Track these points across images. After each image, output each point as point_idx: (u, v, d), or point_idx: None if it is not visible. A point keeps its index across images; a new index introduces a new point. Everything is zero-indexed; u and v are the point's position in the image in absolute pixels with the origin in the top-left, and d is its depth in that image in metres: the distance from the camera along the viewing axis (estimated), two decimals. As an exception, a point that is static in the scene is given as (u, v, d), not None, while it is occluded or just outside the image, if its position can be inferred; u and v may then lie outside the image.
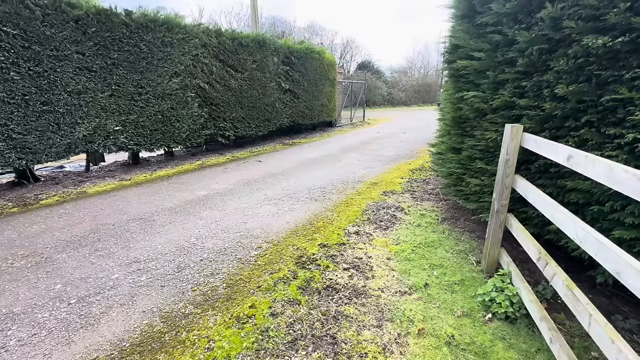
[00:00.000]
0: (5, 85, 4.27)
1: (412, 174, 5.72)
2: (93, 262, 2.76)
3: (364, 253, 2.93)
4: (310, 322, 2.04)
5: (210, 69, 6.95)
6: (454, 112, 3.30)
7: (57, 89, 4.76)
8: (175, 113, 6.43)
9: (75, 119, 5.02)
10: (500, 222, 2.42)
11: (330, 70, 11.37)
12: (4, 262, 2.76)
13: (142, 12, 5.67)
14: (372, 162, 6.60)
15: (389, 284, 2.46)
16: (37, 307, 2.20)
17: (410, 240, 3.16)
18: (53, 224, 3.56)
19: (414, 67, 39.80)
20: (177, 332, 1.97)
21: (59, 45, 4.70)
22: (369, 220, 3.66)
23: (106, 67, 5.27)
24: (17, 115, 4.44)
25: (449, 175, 3.53)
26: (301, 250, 2.96)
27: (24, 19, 4.32)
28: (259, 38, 8.10)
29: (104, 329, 1.99)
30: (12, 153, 4.47)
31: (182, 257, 2.85)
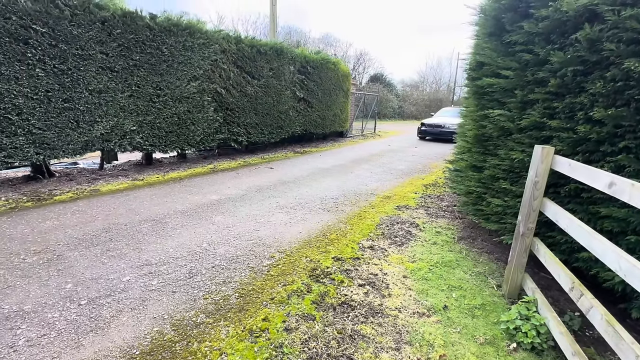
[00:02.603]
0: (30, 81, 4.35)
1: (425, 189, 5.63)
2: (104, 263, 2.72)
3: (379, 269, 2.85)
4: (326, 340, 1.96)
5: (228, 75, 7.03)
6: (476, 130, 3.23)
7: (79, 87, 4.84)
8: (191, 116, 6.48)
9: (94, 117, 5.08)
10: (526, 246, 2.33)
11: (344, 81, 11.43)
12: (17, 257, 2.74)
13: (166, 16, 5.78)
14: (384, 175, 6.54)
15: (407, 304, 2.37)
16: (47, 306, 2.16)
17: (427, 259, 3.07)
18: (66, 220, 3.56)
19: (425, 82, 39.91)
20: (189, 342, 1.90)
21: (84, 45, 4.79)
22: (384, 235, 3.58)
23: (128, 68, 5.36)
24: (39, 111, 4.50)
25: (468, 193, 3.45)
26: (315, 262, 2.89)
27: (53, 18, 4.43)
28: (277, 46, 8.20)
29: (114, 334, 1.94)
30: (30, 148, 4.52)
31: (194, 262, 2.80)
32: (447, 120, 12.40)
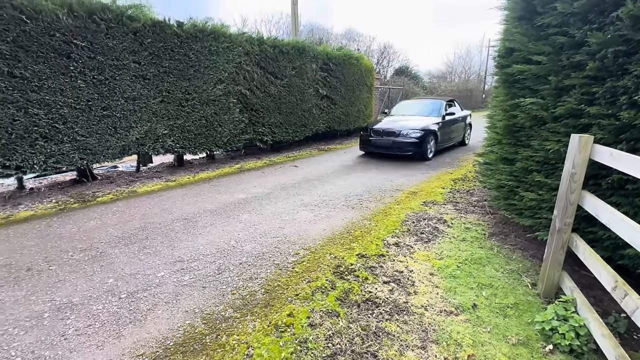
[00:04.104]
0: (73, 92, 4.72)
1: (454, 184, 5.43)
2: (141, 259, 2.91)
3: (405, 266, 2.80)
4: (350, 337, 1.96)
5: (252, 76, 7.18)
6: (506, 120, 3.07)
7: (115, 95, 5.17)
8: (218, 118, 6.70)
9: (130, 123, 5.41)
10: (563, 243, 2.18)
11: (367, 76, 11.27)
12: (66, 254, 3.00)
13: (192, 22, 6.01)
14: (410, 170, 6.38)
15: (433, 302, 2.31)
16: (92, 299, 2.34)
17: (455, 256, 2.97)
18: (107, 220, 3.83)
19: (454, 72, 38.32)
20: (218, 335, 1.99)
21: (119, 55, 5.11)
22: (409, 231, 3.51)
23: (158, 75, 5.64)
24: (82, 120, 4.87)
25: (499, 187, 3.29)
26: (339, 259, 2.90)
27: (91, 32, 4.76)
28: (299, 45, 8.25)
29: (150, 326, 2.07)
30: (75, 154, 4.90)
31: (222, 259, 2.91)
32: (407, 121, 7.41)
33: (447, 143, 8.12)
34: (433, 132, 7.16)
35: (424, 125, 7.05)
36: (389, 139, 7.15)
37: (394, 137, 7.09)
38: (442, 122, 7.57)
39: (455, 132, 8.42)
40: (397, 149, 7.05)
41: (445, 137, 7.86)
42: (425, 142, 6.89)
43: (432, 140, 7.19)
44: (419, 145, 6.83)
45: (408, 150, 6.92)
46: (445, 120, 7.73)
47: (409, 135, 6.94)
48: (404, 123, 7.35)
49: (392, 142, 7.08)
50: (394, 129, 7.15)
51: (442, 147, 7.89)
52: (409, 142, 6.89)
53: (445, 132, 7.76)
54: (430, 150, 7.19)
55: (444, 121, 7.69)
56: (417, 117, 7.81)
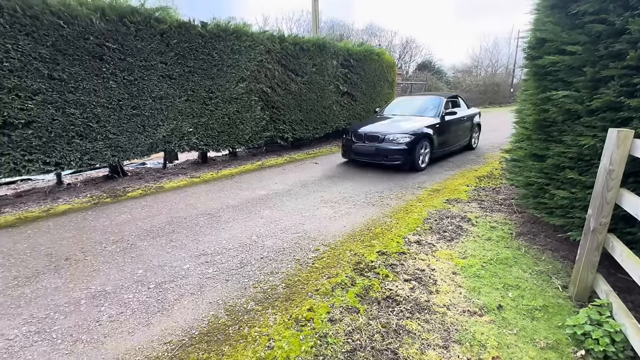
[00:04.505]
0: (105, 92, 4.97)
1: (479, 181, 5.26)
2: (168, 252, 3.03)
3: (427, 265, 2.75)
4: (370, 334, 1.96)
5: (273, 74, 7.26)
6: (537, 115, 2.93)
7: (144, 95, 5.39)
8: (240, 116, 6.84)
9: (157, 121, 5.63)
10: (598, 244, 2.07)
11: (389, 72, 11.08)
12: (99, 246, 3.18)
13: (216, 22, 6.14)
14: (433, 168, 6.23)
15: (456, 302, 2.26)
16: (123, 288, 2.48)
17: (480, 255, 2.88)
18: (137, 214, 4.02)
19: (480, 66, 36.90)
20: (240, 326, 2.05)
21: (147, 56, 5.31)
22: (431, 229, 3.44)
23: (184, 75, 5.82)
24: (113, 118, 5.12)
25: (528, 185, 3.15)
26: (359, 256, 2.89)
27: (121, 35, 4.98)
28: (320, 42, 8.24)
29: (177, 315, 2.16)
30: (108, 151, 5.17)
31: (244, 253, 2.98)
32: (396, 123, 6.26)
33: (448, 148, 6.79)
34: (427, 136, 5.89)
35: (416, 128, 5.83)
36: (372, 145, 5.82)
37: (377, 143, 5.77)
38: (440, 124, 6.27)
39: (459, 134, 7.11)
40: (381, 157, 5.73)
41: (446, 141, 6.57)
42: (416, 149, 5.65)
43: (427, 145, 5.93)
44: (409, 152, 5.57)
45: (395, 159, 5.64)
46: (444, 121, 6.43)
47: (396, 141, 5.63)
48: (392, 125, 6.16)
49: (376, 149, 5.75)
50: (377, 133, 5.83)
51: (441, 153, 6.55)
52: (396, 149, 5.59)
53: (444, 136, 6.47)
54: (423, 158, 5.92)
55: (443, 122, 6.40)
56: (409, 117, 6.56)
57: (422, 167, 5.91)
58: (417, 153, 5.71)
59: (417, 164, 5.79)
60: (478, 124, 8.08)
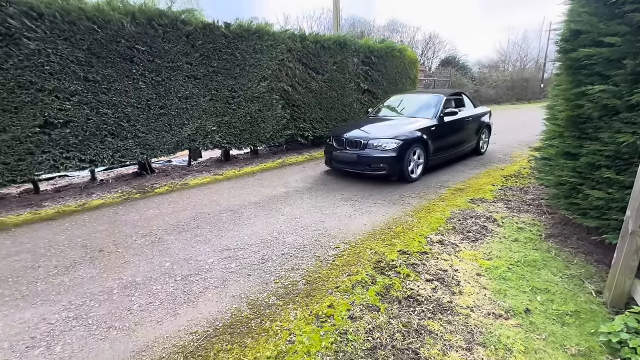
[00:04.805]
0: (135, 93, 5.20)
1: (505, 180, 5.06)
2: (193, 246, 3.14)
3: (449, 265, 2.69)
4: (390, 332, 1.95)
5: (294, 72, 7.31)
6: (570, 110, 2.78)
7: (170, 95, 5.60)
8: (262, 114, 6.95)
9: (183, 120, 5.83)
10: (637, 247, 1.95)
11: (411, 69, 10.87)
12: (130, 239, 3.34)
13: (239, 23, 6.27)
14: (457, 166, 6.07)
15: (480, 303, 2.20)
16: (152, 279, 2.59)
17: (506, 257, 2.78)
18: (164, 209, 4.19)
19: (507, 61, 35.39)
20: (262, 320, 2.09)
21: (173, 58, 5.51)
22: (454, 229, 3.36)
23: (208, 75, 5.99)
24: (142, 118, 5.36)
25: (559, 185, 3.00)
26: (379, 254, 2.87)
27: (150, 37, 5.19)
28: (340, 39, 8.21)
29: (202, 307, 2.24)
30: (137, 149, 5.41)
31: (266, 249, 3.04)
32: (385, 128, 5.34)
33: (447, 154, 5.81)
34: (420, 140, 5.04)
35: (405, 132, 4.98)
36: (353, 151, 5.01)
37: (359, 150, 4.96)
38: (437, 126, 5.41)
39: (462, 137, 6.15)
40: (364, 166, 4.94)
41: (445, 146, 5.66)
42: (405, 156, 4.81)
43: (420, 152, 5.09)
44: (396, 160, 4.74)
45: (379, 168, 4.82)
46: (443, 123, 5.56)
47: (381, 147, 4.80)
48: (379, 128, 5.35)
49: (357, 156, 4.95)
50: (360, 138, 5.01)
51: (439, 160, 5.63)
52: (380, 157, 4.78)
53: (443, 140, 5.58)
54: (414, 167, 5.07)
55: (442, 124, 5.53)
56: (401, 119, 5.72)
57: (413, 178, 5.03)
58: (407, 161, 4.87)
59: (407, 174, 4.93)
60: (487, 125, 7.03)
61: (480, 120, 6.71)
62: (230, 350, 1.86)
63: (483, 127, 6.82)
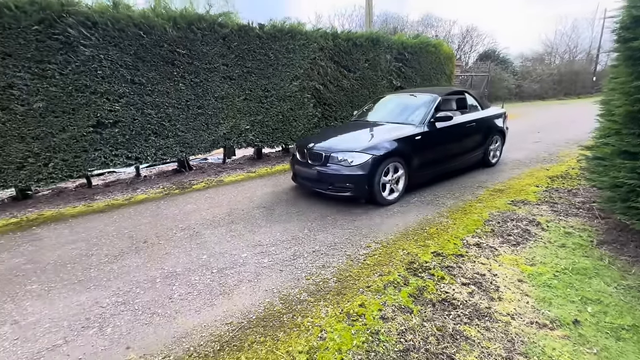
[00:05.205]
0: (176, 94, 5.49)
1: (551, 181, 4.72)
2: (228, 241, 3.27)
3: (487, 269, 2.56)
4: (424, 335, 1.90)
5: (326, 71, 7.33)
6: (629, 105, 2.53)
7: (207, 95, 5.85)
8: (294, 113, 7.04)
9: (219, 119, 6.07)
10: None
11: (447, 64, 10.46)
12: (170, 232, 3.54)
13: (272, 24, 6.39)
14: (496, 166, 5.75)
15: (522, 311, 2.08)
16: (190, 270, 2.73)
17: (551, 263, 2.60)
18: (201, 205, 4.39)
19: (554, 53, 32.91)
20: (294, 315, 2.13)
21: (210, 60, 5.74)
22: (493, 232, 3.19)
23: (242, 75, 6.18)
24: (182, 118, 5.65)
25: (615, 186, 2.75)
26: (412, 255, 2.81)
27: (189, 41, 5.45)
28: (373, 36, 8.10)
29: (237, 299, 2.32)
30: (177, 147, 5.72)
31: (297, 246, 3.09)
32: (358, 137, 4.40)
33: (442, 167, 4.77)
34: (398, 153, 4.02)
35: (380, 143, 3.95)
36: (315, 166, 4.09)
37: (320, 165, 4.05)
38: (424, 134, 4.33)
39: (463, 147, 5.03)
40: (326, 185, 4.02)
41: (436, 159, 4.61)
42: (377, 174, 3.82)
43: (399, 167, 4.08)
44: (364, 179, 3.78)
45: (342, 188, 3.89)
46: (434, 130, 4.46)
47: (345, 162, 3.86)
48: (349, 138, 4.49)
49: (317, 172, 4.03)
50: (322, 150, 4.09)
51: (428, 176, 4.62)
52: (344, 175, 3.83)
53: (434, 150, 4.54)
54: (392, 186, 4.08)
55: (433, 131, 4.44)
56: (382, 126, 4.64)
57: (388, 200, 4.03)
58: (379, 179, 3.86)
59: (379, 196, 3.92)
60: (500, 131, 5.70)
61: (489, 125, 5.45)
62: (264, 342, 1.91)
63: (493, 133, 5.53)
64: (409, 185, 4.28)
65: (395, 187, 4.14)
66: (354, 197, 4.02)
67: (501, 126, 5.74)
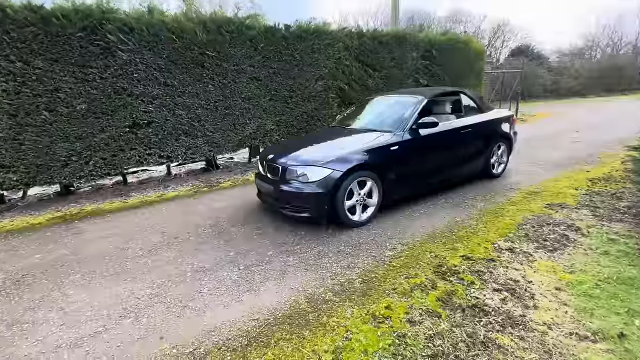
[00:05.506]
0: (205, 95, 5.68)
1: (592, 184, 4.42)
2: (254, 238, 3.33)
3: (521, 276, 2.44)
4: (453, 341, 1.84)
5: (350, 70, 7.29)
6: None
7: (235, 96, 6.00)
8: (318, 113, 7.07)
9: (245, 120, 6.21)
10: None
11: (476, 61, 10.10)
12: (199, 228, 3.67)
13: (298, 25, 6.46)
14: (529, 167, 5.48)
15: (560, 321, 1.96)
16: (219, 266, 2.81)
17: (593, 271, 2.43)
18: (228, 203, 4.51)
19: (595, 47, 30.79)
20: (319, 314, 2.14)
21: (238, 61, 5.88)
22: (527, 237, 3.04)
23: (269, 76, 6.28)
24: (210, 118, 5.83)
25: (668, 190, 2.52)
26: (440, 258, 2.73)
27: (218, 43, 5.61)
28: (399, 34, 7.97)
29: (263, 296, 2.37)
30: (205, 147, 5.92)
31: (322, 245, 3.09)
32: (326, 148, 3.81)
33: (428, 182, 4.16)
34: (369, 166, 3.43)
35: (345, 155, 3.38)
36: (273, 181, 3.60)
37: (277, 180, 3.52)
38: (404, 143, 3.69)
39: (456, 156, 4.36)
40: (282, 202, 3.51)
41: (420, 173, 3.99)
42: (340, 192, 3.26)
43: (371, 184, 3.48)
44: (323, 197, 3.23)
45: (299, 208, 3.38)
46: (417, 138, 3.82)
47: (304, 177, 3.31)
48: (314, 148, 3.80)
49: (274, 188, 3.55)
50: (280, 163, 3.53)
51: (408, 192, 4.00)
52: (300, 193, 3.30)
53: (417, 162, 3.91)
54: (362, 206, 3.50)
55: (415, 139, 3.79)
56: (359, 134, 3.95)
57: (356, 222, 3.46)
58: (342, 198, 3.29)
59: (344, 217, 3.36)
60: (505, 136, 4.93)
61: (490, 130, 4.74)
62: (290, 339, 1.93)
63: (496, 140, 4.79)
64: (386, 203, 3.69)
65: (369, 202, 3.54)
66: (311, 219, 3.43)
67: (506, 131, 4.94)
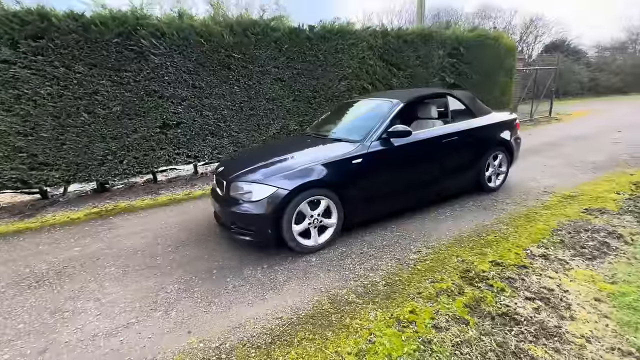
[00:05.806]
0: (231, 96, 5.82)
1: (635, 188, 4.12)
2: (277, 237, 3.37)
3: (556, 284, 2.31)
4: (482, 350, 1.77)
5: (374, 70, 7.21)
6: None
7: (259, 97, 6.10)
8: (341, 113, 7.04)
9: (269, 120, 6.30)
10: None
11: (507, 58, 9.67)
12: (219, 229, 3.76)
13: (322, 25, 6.46)
14: (565, 169, 5.18)
15: (600, 335, 1.84)
16: (243, 264, 2.87)
17: (638, 282, 2.26)
18: (252, 202, 4.59)
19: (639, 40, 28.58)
20: (342, 316, 2.13)
21: (263, 63, 5.98)
22: (563, 243, 2.87)
23: (292, 77, 6.33)
24: (236, 119, 5.97)
25: None
26: (467, 263, 2.64)
27: (244, 45, 5.73)
28: (425, 32, 7.78)
29: (286, 295, 2.39)
30: (230, 147, 6.06)
31: (345, 247, 3.08)
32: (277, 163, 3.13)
33: (405, 198, 3.64)
34: (323, 183, 2.95)
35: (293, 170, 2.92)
36: (219, 197, 3.23)
37: (222, 196, 3.14)
38: (369, 155, 3.16)
39: (440, 170, 3.77)
40: (227, 221, 3.11)
41: (393, 188, 3.44)
42: (285, 214, 2.82)
43: (327, 203, 3.01)
44: (266, 219, 2.80)
45: (243, 231, 2.93)
46: (390, 149, 3.28)
47: (249, 195, 2.86)
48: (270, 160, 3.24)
49: (219, 205, 3.19)
50: (225, 177, 3.16)
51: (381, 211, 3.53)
52: (243, 214, 2.86)
53: (389, 177, 3.37)
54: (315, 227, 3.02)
55: (385, 150, 3.26)
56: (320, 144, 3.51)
57: (309, 247, 3.00)
58: (289, 219, 2.84)
59: (292, 241, 2.92)
60: (504, 144, 4.25)
61: (484, 137, 4.09)
62: (313, 339, 1.94)
63: (492, 148, 4.14)
64: (347, 226, 3.20)
65: (327, 223, 3.06)
66: (254, 242, 3.00)
67: (505, 138, 4.24)
